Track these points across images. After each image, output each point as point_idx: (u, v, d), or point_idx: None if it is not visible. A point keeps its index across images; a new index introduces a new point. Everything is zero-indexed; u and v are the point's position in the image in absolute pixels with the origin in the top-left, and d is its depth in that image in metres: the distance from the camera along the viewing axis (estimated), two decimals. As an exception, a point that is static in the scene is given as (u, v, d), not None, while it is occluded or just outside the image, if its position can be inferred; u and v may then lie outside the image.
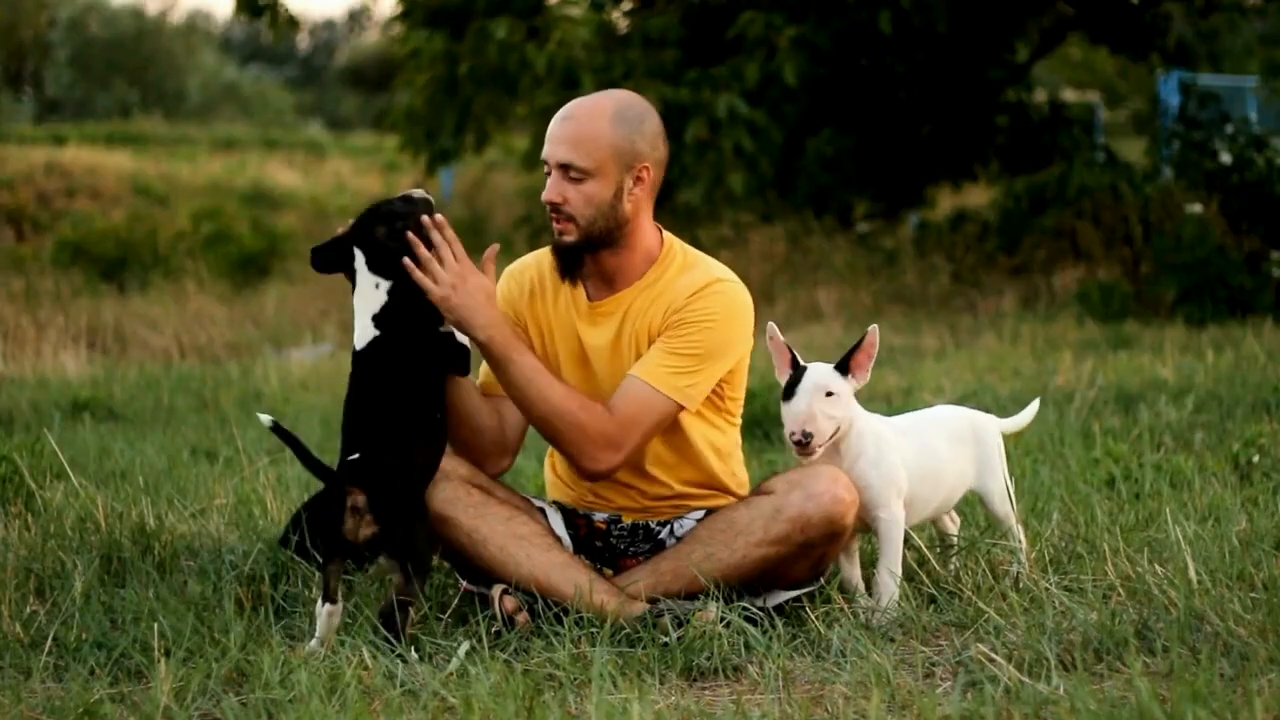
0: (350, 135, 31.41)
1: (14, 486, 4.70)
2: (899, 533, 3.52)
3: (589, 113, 3.54)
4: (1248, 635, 3.02)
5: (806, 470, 3.49)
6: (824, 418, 3.43)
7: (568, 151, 3.50)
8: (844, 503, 3.42)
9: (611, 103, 3.57)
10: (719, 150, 12.98)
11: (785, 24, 13.27)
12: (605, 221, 3.53)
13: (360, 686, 3.00)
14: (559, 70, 12.83)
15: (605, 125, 3.52)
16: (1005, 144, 15.54)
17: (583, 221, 3.52)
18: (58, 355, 9.86)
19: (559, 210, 3.52)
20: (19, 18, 31.88)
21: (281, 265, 15.83)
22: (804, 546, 3.44)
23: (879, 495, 3.51)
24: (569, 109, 3.57)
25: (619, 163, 3.52)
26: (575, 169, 3.50)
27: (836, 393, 3.45)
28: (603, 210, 3.52)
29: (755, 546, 3.45)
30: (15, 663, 3.27)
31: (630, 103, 3.59)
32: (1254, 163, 11.81)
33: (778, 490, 3.47)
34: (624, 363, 3.58)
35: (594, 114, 3.53)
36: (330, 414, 7.36)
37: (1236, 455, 4.98)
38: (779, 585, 3.51)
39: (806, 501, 3.41)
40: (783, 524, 3.42)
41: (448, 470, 3.53)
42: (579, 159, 3.49)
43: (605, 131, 3.51)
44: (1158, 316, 10.50)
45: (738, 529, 3.47)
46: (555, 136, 3.54)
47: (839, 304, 11.97)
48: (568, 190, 3.51)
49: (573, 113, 3.55)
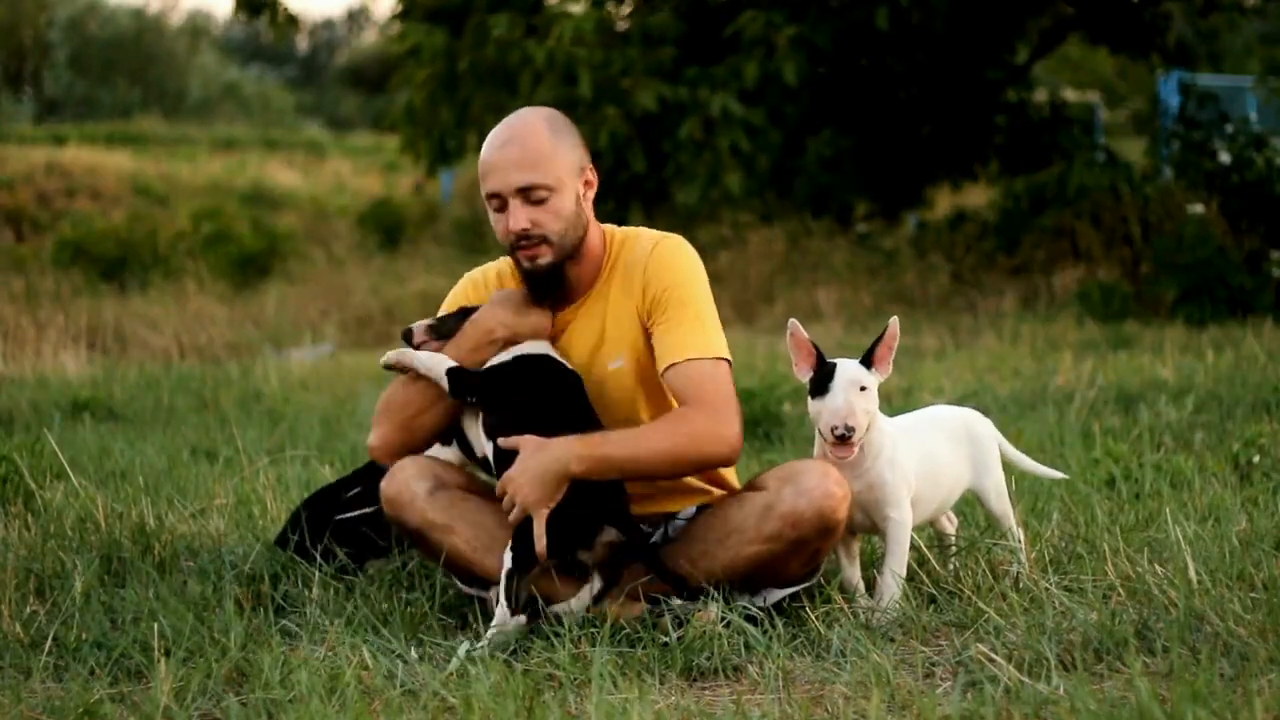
0: (350, 135, 31.44)
1: (14, 486, 4.70)
2: (907, 534, 3.51)
3: (527, 132, 3.49)
4: (1248, 635, 3.02)
5: (797, 465, 3.48)
6: (861, 412, 3.40)
7: (526, 174, 3.46)
8: (835, 497, 3.39)
9: (539, 118, 3.53)
10: (714, 150, 12.99)
11: (784, 23, 13.27)
12: (574, 232, 3.53)
13: (360, 686, 3.00)
14: (559, 67, 12.84)
15: (548, 140, 3.49)
16: (1005, 144, 15.55)
17: (555, 239, 3.50)
18: (58, 355, 9.86)
19: (529, 236, 3.48)
20: (19, 18, 31.87)
21: (281, 265, 15.84)
22: (797, 543, 3.42)
23: (893, 494, 3.50)
24: (503, 136, 3.51)
25: (571, 172, 3.51)
26: (538, 188, 3.46)
27: (868, 387, 3.44)
28: (571, 222, 3.52)
29: (748, 544, 3.43)
30: (15, 663, 3.27)
31: (552, 114, 3.57)
32: (1254, 163, 11.82)
33: (769, 487, 3.46)
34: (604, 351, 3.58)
35: (532, 132, 3.49)
36: (330, 414, 7.36)
37: (1236, 455, 4.98)
38: (774, 583, 3.49)
39: (798, 498, 3.39)
40: (775, 521, 3.40)
41: (444, 479, 3.53)
42: (539, 177, 3.46)
43: (550, 145, 3.49)
44: (1158, 316, 10.50)
45: (730, 527, 3.46)
46: (504, 164, 3.47)
47: (838, 304, 11.98)
48: (534, 213, 3.48)
49: (511, 137, 3.49)
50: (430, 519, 3.48)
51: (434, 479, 3.51)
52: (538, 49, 12.79)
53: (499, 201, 3.49)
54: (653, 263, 3.56)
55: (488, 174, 3.50)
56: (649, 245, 3.59)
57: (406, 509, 3.50)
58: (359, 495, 3.96)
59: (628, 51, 13.14)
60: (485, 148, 3.53)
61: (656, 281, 3.54)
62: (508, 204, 3.48)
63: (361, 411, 7.39)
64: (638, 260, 3.58)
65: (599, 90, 12.71)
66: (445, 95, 14.11)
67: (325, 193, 23.02)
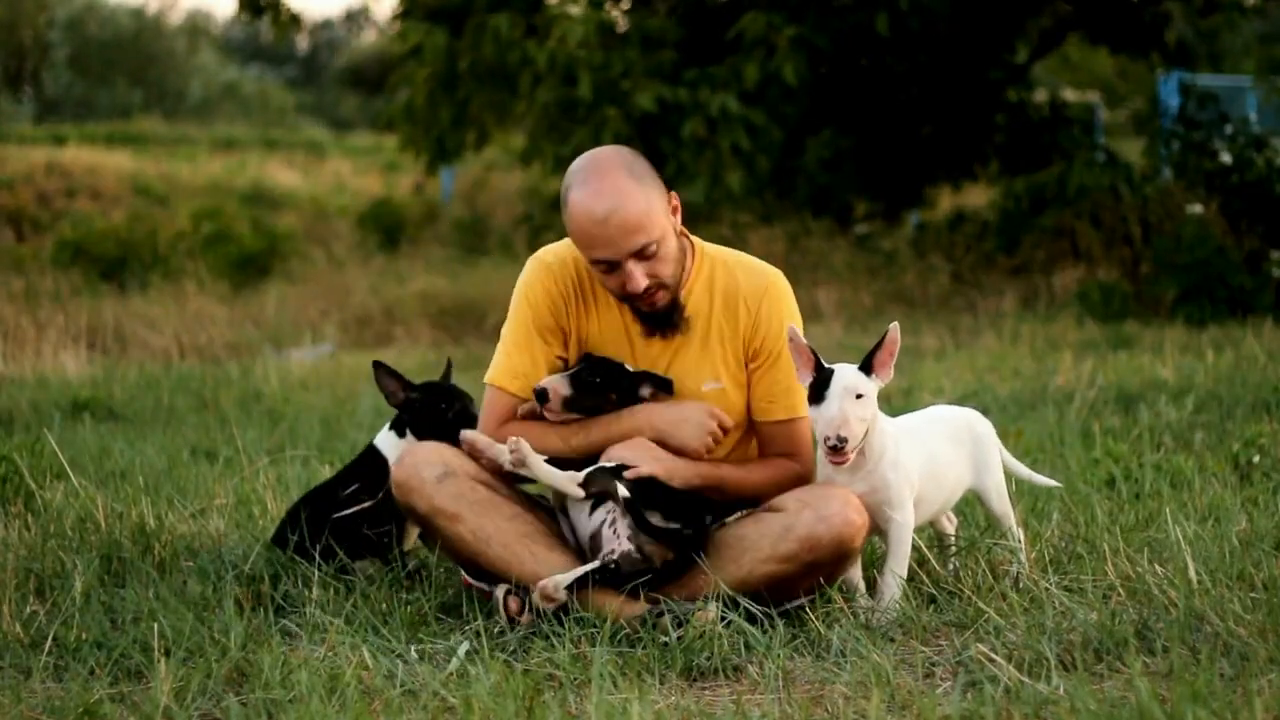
0: (350, 135, 31.41)
1: (14, 486, 4.70)
2: (909, 536, 3.51)
3: (622, 197, 3.48)
4: (1248, 635, 3.02)
5: (818, 490, 3.49)
6: (856, 420, 3.40)
7: (635, 239, 3.48)
8: (854, 525, 3.41)
9: (623, 175, 3.52)
10: (716, 149, 12.99)
11: (784, 24, 13.27)
12: (680, 265, 3.60)
13: (360, 686, 3.00)
14: (559, 68, 12.84)
15: (640, 195, 3.50)
16: (1005, 144, 15.54)
17: (672, 281, 3.57)
18: (58, 355, 9.85)
19: (648, 290, 3.53)
20: (19, 18, 31.86)
21: (282, 265, 15.82)
22: (811, 566, 3.43)
23: (896, 497, 3.50)
24: (601, 208, 3.47)
25: (665, 213, 3.56)
26: (649, 246, 3.50)
27: (865, 394, 3.43)
28: (677, 259, 3.59)
29: (762, 563, 3.44)
30: (15, 663, 3.27)
31: (630, 160, 3.57)
32: (1254, 163, 11.81)
33: (788, 509, 3.46)
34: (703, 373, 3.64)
35: (625, 194, 3.48)
36: (330, 414, 7.36)
37: (1236, 455, 4.98)
38: (781, 600, 3.49)
39: (818, 523, 3.40)
40: (791, 543, 3.42)
41: (454, 467, 3.53)
42: (646, 237, 3.49)
43: (644, 200, 3.50)
44: (1158, 316, 10.50)
45: (745, 545, 3.46)
46: (611, 237, 3.47)
47: (839, 304, 11.97)
48: (650, 268, 3.52)
49: (610, 208, 3.47)
50: (438, 506, 3.50)
51: (444, 466, 3.53)
52: (539, 50, 12.80)
53: (609, 265, 3.52)
54: (769, 303, 3.65)
55: (595, 246, 3.50)
56: (761, 281, 3.67)
57: (415, 494, 3.52)
58: (356, 492, 3.96)
59: (627, 53, 13.14)
60: (582, 218, 3.49)
61: (769, 324, 3.64)
62: (621, 266, 3.51)
63: (361, 411, 7.39)
64: (751, 293, 3.66)
65: (599, 91, 12.71)
66: (445, 95, 14.11)
67: (325, 193, 23.00)
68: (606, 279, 3.54)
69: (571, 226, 3.52)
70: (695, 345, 3.65)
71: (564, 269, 3.67)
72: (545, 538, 3.54)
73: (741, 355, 3.66)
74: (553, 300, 3.66)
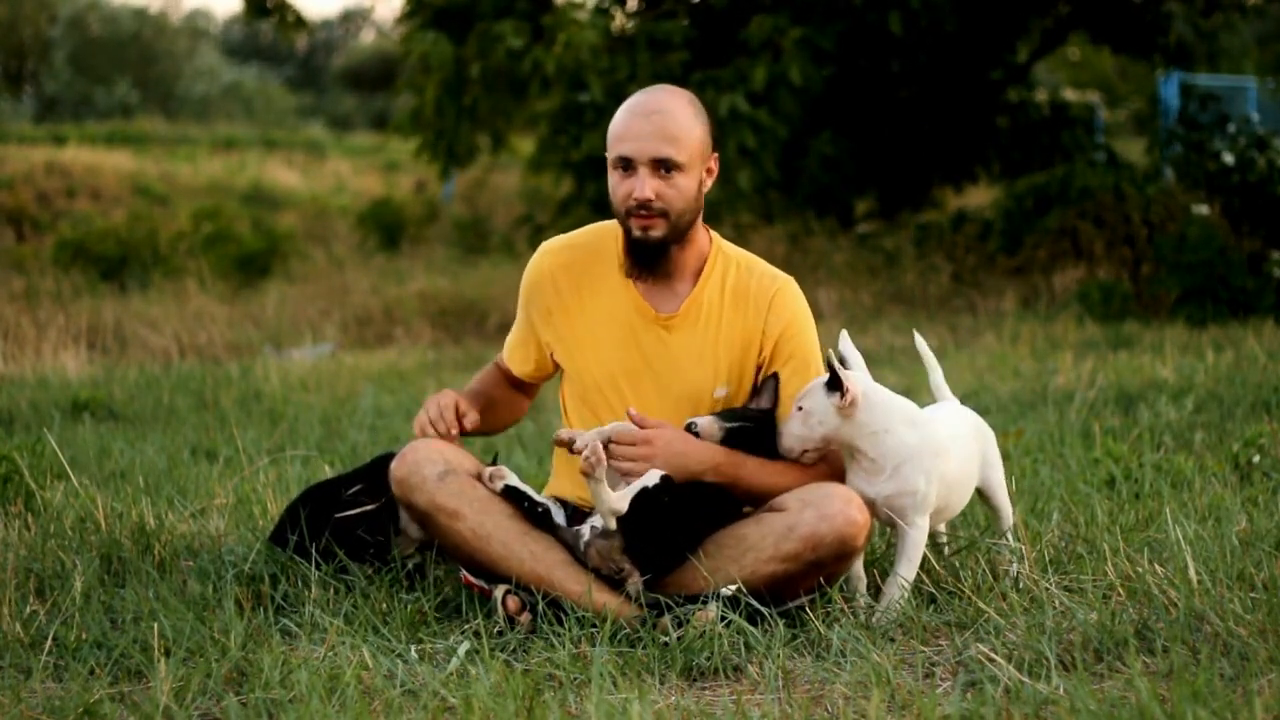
0: (350, 135, 31.42)
1: (14, 486, 4.70)
2: (923, 540, 3.51)
3: (673, 105, 3.52)
4: (1248, 635, 3.02)
5: (819, 489, 3.47)
6: (791, 436, 3.48)
7: (663, 146, 3.48)
8: (857, 524, 3.40)
9: (683, 97, 3.56)
10: (724, 149, 13.01)
11: (790, 25, 13.28)
12: (691, 215, 3.58)
13: (360, 686, 3.00)
14: (567, 73, 12.85)
15: (691, 118, 3.53)
16: (1006, 144, 15.55)
17: (674, 216, 3.54)
18: (58, 355, 9.85)
19: (649, 207, 3.51)
20: (19, 17, 31.87)
21: (282, 265, 15.83)
22: (813, 565, 3.42)
23: (923, 503, 3.48)
24: (649, 103, 3.52)
25: (702, 155, 3.56)
26: (671, 163, 3.49)
27: (806, 407, 3.46)
28: (690, 204, 3.57)
29: (764, 563, 3.43)
30: (15, 663, 3.27)
31: (693, 98, 3.60)
32: (1255, 163, 11.80)
33: (790, 508, 3.45)
34: (706, 370, 3.62)
35: (677, 106, 3.52)
36: (330, 414, 7.36)
37: (1236, 455, 4.98)
38: (782, 600, 3.49)
39: (820, 522, 3.39)
40: (794, 542, 3.40)
41: (455, 464, 3.54)
42: (676, 153, 3.49)
43: (690, 125, 3.52)
44: (1158, 317, 10.49)
45: (747, 545, 3.45)
46: (644, 133, 3.49)
47: (839, 304, 11.97)
48: (661, 186, 3.51)
49: (658, 107, 3.51)
50: (438, 503, 3.50)
51: (445, 463, 3.53)
52: (548, 57, 12.81)
53: (626, 165, 3.51)
54: (779, 303, 3.65)
55: (624, 137, 3.51)
56: (771, 282, 3.67)
57: (416, 491, 3.52)
58: (359, 494, 3.96)
59: (637, 56, 13.15)
60: (624, 112, 3.54)
61: (778, 324, 3.64)
62: (636, 170, 3.50)
63: (361, 411, 7.39)
64: (761, 293, 3.65)
65: (607, 94, 12.72)
66: (451, 102, 14.12)
67: (325, 193, 23.01)
68: (618, 185, 3.54)
69: (614, 119, 3.56)
70: (699, 335, 3.64)
71: (565, 250, 3.73)
72: (544, 536, 3.54)
73: (753, 356, 3.65)
74: (540, 280, 3.71)
